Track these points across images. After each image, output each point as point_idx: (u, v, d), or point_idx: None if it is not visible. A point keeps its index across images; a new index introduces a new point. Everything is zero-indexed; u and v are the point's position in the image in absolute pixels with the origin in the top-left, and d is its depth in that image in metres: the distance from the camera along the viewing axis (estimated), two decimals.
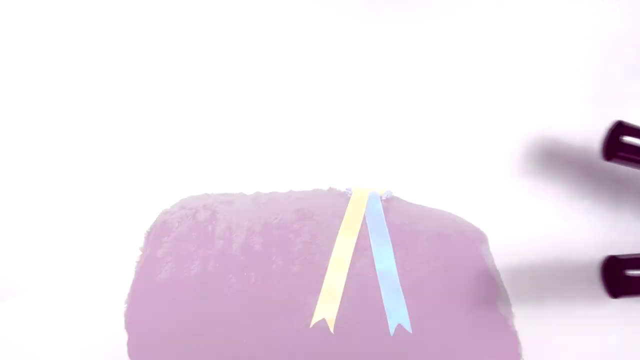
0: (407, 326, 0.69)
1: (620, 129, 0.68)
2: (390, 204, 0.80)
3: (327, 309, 0.70)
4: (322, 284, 0.71)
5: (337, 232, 0.74)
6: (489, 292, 0.73)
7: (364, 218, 0.76)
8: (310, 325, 0.70)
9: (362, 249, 0.73)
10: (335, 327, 0.69)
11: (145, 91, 1.43)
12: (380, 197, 0.80)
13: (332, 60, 1.46)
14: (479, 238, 0.77)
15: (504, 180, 1.48)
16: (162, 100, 1.44)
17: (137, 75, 1.43)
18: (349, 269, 0.72)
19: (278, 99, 1.45)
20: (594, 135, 1.49)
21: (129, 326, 0.76)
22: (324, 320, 0.70)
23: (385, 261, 0.72)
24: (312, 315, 0.70)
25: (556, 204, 1.49)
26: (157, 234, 0.78)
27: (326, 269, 0.72)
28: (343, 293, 0.70)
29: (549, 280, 1.43)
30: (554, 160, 1.48)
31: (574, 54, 1.34)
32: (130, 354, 0.76)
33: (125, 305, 0.77)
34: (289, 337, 0.71)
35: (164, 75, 1.43)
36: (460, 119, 1.47)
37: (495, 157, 1.48)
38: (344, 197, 0.81)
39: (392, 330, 0.69)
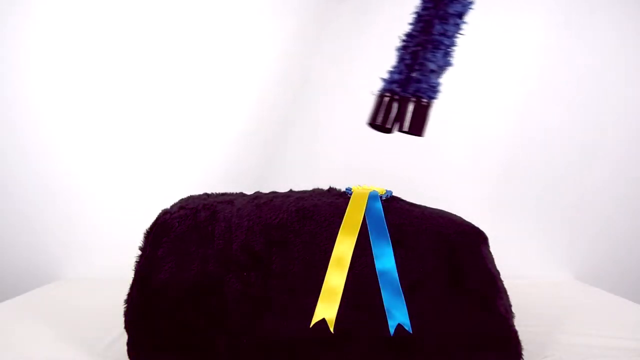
0: (407, 326, 0.69)
1: None
2: (390, 204, 0.80)
3: (327, 309, 0.70)
4: (322, 284, 0.71)
5: (337, 232, 0.74)
6: (489, 292, 0.73)
7: (364, 218, 0.76)
8: (310, 325, 0.70)
9: (362, 249, 0.73)
10: (335, 327, 0.69)
11: (145, 93, 1.44)
12: (380, 197, 0.80)
13: (331, 62, 1.46)
14: (479, 238, 0.77)
15: (504, 181, 1.48)
16: (163, 101, 1.44)
17: (138, 77, 1.43)
18: (349, 269, 0.72)
19: (277, 101, 1.46)
20: (594, 137, 1.49)
21: (129, 326, 0.76)
22: (324, 320, 0.70)
23: (385, 261, 0.72)
24: (312, 315, 0.70)
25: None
26: (157, 234, 0.78)
27: (326, 269, 0.72)
28: (343, 293, 0.70)
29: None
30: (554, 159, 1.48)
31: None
32: (130, 354, 0.76)
33: (125, 305, 0.76)
34: (289, 337, 0.71)
35: (165, 77, 1.44)
36: (460, 120, 1.47)
37: (496, 157, 1.48)
38: (344, 197, 0.81)
39: (392, 330, 0.69)
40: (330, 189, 0.87)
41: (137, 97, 1.44)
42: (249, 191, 0.89)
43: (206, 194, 0.88)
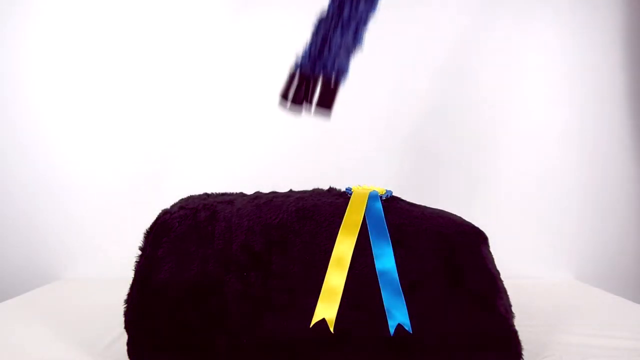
0: (407, 326, 0.69)
1: None
2: (390, 204, 0.80)
3: (327, 309, 0.70)
4: (322, 284, 0.71)
5: (337, 232, 0.74)
6: (489, 292, 0.73)
7: (364, 218, 0.76)
8: (310, 325, 0.70)
9: (362, 249, 0.73)
10: (335, 327, 0.69)
11: (145, 92, 1.44)
12: (380, 197, 0.80)
13: None
14: (479, 238, 0.77)
15: (504, 181, 1.48)
16: (163, 101, 1.44)
17: (137, 77, 1.43)
18: (349, 269, 0.72)
19: (277, 101, 1.45)
20: (595, 136, 1.49)
21: (129, 326, 0.76)
22: (324, 320, 0.70)
23: (385, 261, 0.72)
24: (312, 315, 0.70)
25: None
26: (157, 234, 0.78)
27: (326, 269, 0.72)
28: (343, 293, 0.70)
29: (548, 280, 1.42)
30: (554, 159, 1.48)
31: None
32: (130, 354, 0.76)
33: (125, 305, 0.76)
34: (289, 337, 0.71)
35: (165, 77, 1.44)
36: (460, 120, 1.47)
37: (495, 157, 1.48)
38: (344, 197, 0.81)
39: (392, 330, 0.69)
40: (330, 189, 0.86)
41: (137, 96, 1.44)
42: (250, 191, 0.89)
43: (206, 194, 0.88)
